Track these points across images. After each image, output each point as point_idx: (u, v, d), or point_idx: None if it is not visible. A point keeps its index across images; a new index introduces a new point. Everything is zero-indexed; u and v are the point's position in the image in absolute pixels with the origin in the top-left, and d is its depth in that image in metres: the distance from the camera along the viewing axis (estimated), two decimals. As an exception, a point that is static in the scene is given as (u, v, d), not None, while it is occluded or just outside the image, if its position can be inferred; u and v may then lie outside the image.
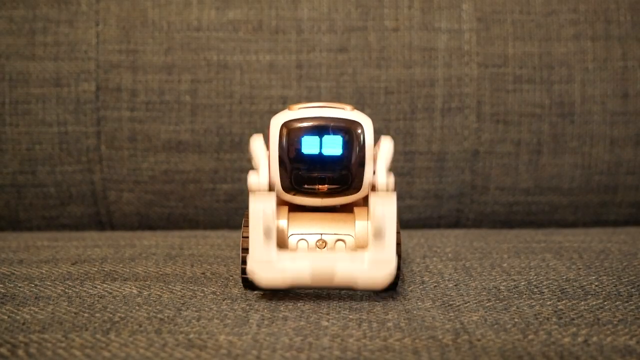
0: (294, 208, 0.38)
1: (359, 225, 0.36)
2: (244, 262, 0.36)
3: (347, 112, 0.37)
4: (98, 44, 0.61)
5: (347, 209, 0.38)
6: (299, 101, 0.60)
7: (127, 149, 0.61)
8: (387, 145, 0.38)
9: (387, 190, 0.36)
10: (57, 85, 0.60)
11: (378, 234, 0.34)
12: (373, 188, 0.37)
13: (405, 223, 0.63)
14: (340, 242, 0.36)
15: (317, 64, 0.61)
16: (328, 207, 0.38)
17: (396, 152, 0.61)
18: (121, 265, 0.44)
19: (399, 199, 0.63)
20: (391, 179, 0.37)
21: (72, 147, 0.61)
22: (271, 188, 0.37)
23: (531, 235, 0.55)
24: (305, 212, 0.38)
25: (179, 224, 0.63)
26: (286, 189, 0.36)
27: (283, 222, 0.36)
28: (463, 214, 0.64)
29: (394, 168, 0.61)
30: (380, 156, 0.37)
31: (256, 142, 0.38)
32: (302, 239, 0.36)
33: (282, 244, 0.36)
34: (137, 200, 0.62)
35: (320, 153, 0.36)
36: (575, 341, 0.30)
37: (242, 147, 0.61)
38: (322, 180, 0.36)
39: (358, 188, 0.37)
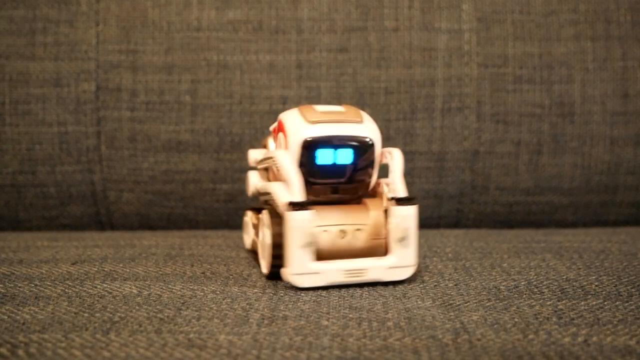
0: None
1: (373, 215, 0.40)
2: (276, 257, 0.39)
3: (360, 127, 0.39)
4: (98, 44, 0.61)
5: (355, 200, 0.41)
6: (299, 102, 0.60)
7: (127, 149, 0.61)
8: (398, 156, 0.41)
9: (413, 197, 0.39)
10: (57, 85, 0.60)
11: (403, 242, 0.39)
12: (375, 188, 0.41)
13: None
14: (358, 232, 0.39)
15: (317, 64, 0.61)
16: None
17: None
18: (121, 265, 0.44)
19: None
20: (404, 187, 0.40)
21: (72, 147, 0.61)
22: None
23: (531, 235, 0.55)
24: (322, 205, 0.40)
25: (179, 224, 0.63)
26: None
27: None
28: (463, 214, 0.64)
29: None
30: (394, 168, 0.40)
31: (284, 158, 0.39)
32: (325, 230, 0.39)
33: None
34: (137, 200, 0.62)
35: (334, 163, 0.39)
36: (575, 341, 0.30)
37: (242, 147, 0.61)
38: (334, 189, 0.40)
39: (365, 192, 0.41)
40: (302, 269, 0.37)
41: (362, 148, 0.39)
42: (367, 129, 0.39)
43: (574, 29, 0.62)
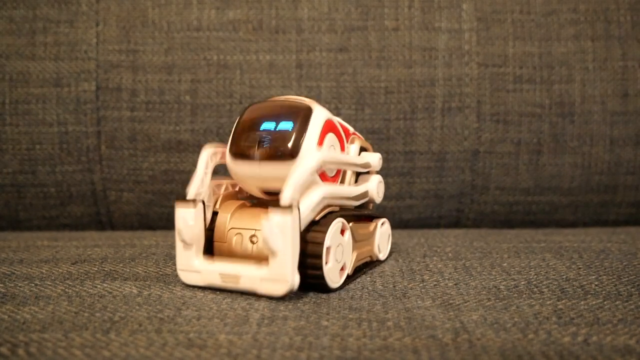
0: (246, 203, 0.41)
1: None
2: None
3: (300, 99, 0.39)
4: (98, 44, 0.61)
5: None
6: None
7: (127, 149, 0.61)
8: (311, 159, 0.36)
9: (291, 205, 0.34)
10: (57, 85, 0.60)
11: (271, 253, 0.34)
12: None
13: (405, 223, 0.63)
14: None
15: (317, 64, 0.61)
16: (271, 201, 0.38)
17: (396, 152, 0.62)
18: (121, 265, 0.44)
19: (398, 198, 0.63)
20: (297, 195, 0.35)
21: (72, 147, 0.61)
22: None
23: (531, 235, 0.55)
24: (252, 207, 0.40)
25: (179, 224, 0.63)
26: (231, 155, 0.38)
27: (225, 217, 0.39)
28: (463, 214, 0.64)
29: (393, 168, 0.62)
30: (298, 168, 0.35)
31: (201, 153, 0.40)
32: (238, 233, 0.39)
33: (221, 236, 0.39)
34: (137, 200, 0.62)
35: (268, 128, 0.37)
36: (575, 341, 0.30)
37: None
38: (260, 142, 0.37)
39: (293, 155, 0.36)
40: (184, 265, 0.38)
41: (290, 112, 0.37)
42: (303, 101, 0.39)
43: (574, 29, 0.62)
